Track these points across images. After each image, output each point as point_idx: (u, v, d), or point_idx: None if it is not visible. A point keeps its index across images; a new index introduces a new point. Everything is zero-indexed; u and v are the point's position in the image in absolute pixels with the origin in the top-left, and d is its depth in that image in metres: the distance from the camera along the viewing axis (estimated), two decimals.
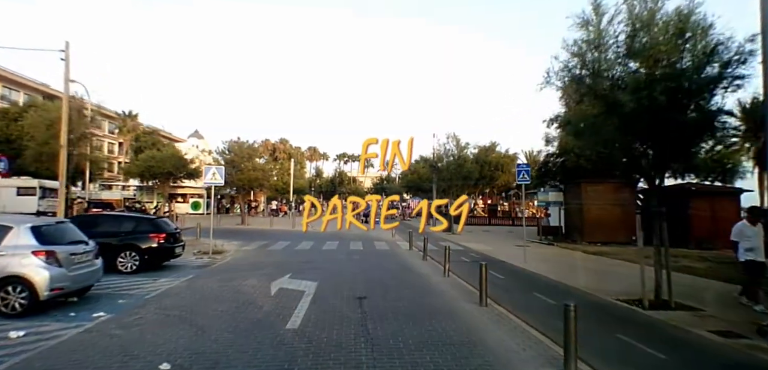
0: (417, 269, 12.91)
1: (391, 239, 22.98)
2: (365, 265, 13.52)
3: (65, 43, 15.37)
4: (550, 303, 8.84)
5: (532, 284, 11.28)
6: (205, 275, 11.25)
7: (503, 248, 19.72)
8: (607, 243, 20.65)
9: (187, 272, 11.73)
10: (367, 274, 11.71)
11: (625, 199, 21.59)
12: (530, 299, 9.57)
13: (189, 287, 9.78)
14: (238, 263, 13.57)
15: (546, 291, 10.02)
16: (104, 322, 6.91)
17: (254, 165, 32.53)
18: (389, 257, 15.96)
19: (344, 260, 14.49)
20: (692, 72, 7.52)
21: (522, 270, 13.35)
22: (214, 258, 14.64)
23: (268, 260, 14.46)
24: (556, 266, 14.51)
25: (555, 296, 9.39)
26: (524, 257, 14.53)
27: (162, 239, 11.70)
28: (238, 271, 11.93)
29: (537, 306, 8.81)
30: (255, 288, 9.53)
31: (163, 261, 12.06)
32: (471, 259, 15.66)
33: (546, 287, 10.71)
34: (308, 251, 17.30)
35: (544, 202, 24.20)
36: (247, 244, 19.55)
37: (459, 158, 29.16)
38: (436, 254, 15.98)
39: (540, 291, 10.01)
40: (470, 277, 11.39)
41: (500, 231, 32.91)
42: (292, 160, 50.72)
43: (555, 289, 10.43)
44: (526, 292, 10.30)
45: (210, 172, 14.83)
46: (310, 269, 12.29)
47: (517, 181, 14.73)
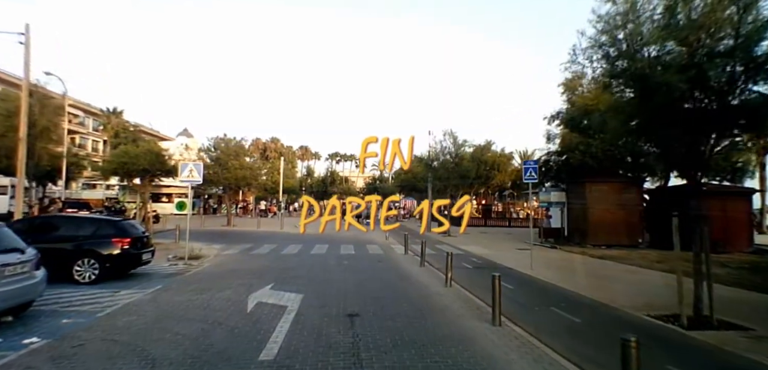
0: (415, 277, 11.64)
1: (385, 242, 21.71)
2: (357, 272, 12.23)
3: (25, 26, 13.86)
4: (574, 322, 7.64)
5: (546, 296, 10.03)
6: (175, 286, 9.88)
7: (505, 252, 18.55)
8: (611, 246, 19.58)
9: (154, 281, 10.34)
10: (359, 283, 10.41)
11: (631, 199, 20.56)
12: (549, 316, 8.31)
13: (152, 301, 8.41)
14: (216, 271, 12.20)
15: (565, 305, 8.79)
16: (33, 352, 5.55)
17: (241, 163, 31.08)
18: (383, 262, 14.68)
19: (334, 267, 13.18)
20: (753, 45, 6.27)
21: (531, 279, 12.12)
22: (190, 264, 13.26)
23: (249, 266, 13.11)
24: (566, 273, 13.33)
25: (576, 312, 8.20)
26: (531, 262, 13.33)
27: (126, 245, 10.28)
28: (214, 280, 10.57)
29: (559, 326, 7.57)
30: (229, 303, 8.18)
31: (128, 269, 10.65)
32: (473, 265, 14.43)
33: (563, 299, 9.48)
34: (295, 255, 15.96)
35: (546, 202, 23.08)
36: (230, 247, 18.14)
37: (456, 156, 27.91)
38: (434, 259, 14.76)
39: (558, 305, 8.77)
40: (475, 286, 10.17)
41: (497, 233, 31.76)
42: (282, 158, 49.12)
43: (574, 302, 9.21)
44: (542, 306, 9.06)
45: (187, 168, 13.45)
46: (296, 278, 10.97)
47: (524, 179, 13.55)
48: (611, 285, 11.35)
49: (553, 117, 24.86)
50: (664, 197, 21.24)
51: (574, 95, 23.62)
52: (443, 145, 28.18)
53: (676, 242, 8.07)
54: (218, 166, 30.14)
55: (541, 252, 19.26)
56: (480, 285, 10.68)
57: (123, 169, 16.88)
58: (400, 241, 21.72)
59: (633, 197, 20.54)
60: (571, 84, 23.94)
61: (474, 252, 18.26)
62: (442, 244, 21.23)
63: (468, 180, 28.70)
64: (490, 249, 19.49)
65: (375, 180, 76.95)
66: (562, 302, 9.20)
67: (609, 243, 19.76)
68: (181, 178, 13.40)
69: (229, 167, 29.96)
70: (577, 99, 22.22)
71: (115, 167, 17.19)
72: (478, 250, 19.00)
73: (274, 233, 25.64)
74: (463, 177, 27.85)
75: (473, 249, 19.31)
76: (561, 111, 24.66)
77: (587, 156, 19.88)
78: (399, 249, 18.60)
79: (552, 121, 24.88)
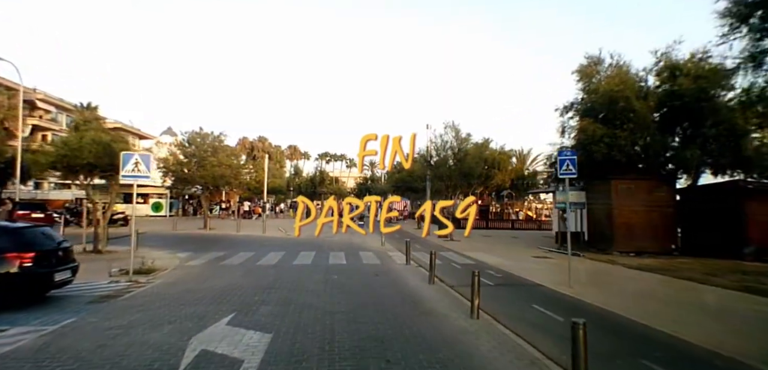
0: (426, 301, 8.85)
1: (381, 248, 18.93)
2: (350, 293, 9.41)
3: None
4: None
5: (618, 335, 6.98)
6: (95, 319, 6.99)
7: (522, 262, 15.87)
8: (640, 253, 17.04)
9: (71, 311, 7.45)
10: (352, 313, 7.60)
11: (662, 199, 18.05)
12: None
13: (45, 348, 5.55)
14: (164, 292, 9.30)
15: (660, 355, 5.90)
16: None
17: (220, 160, 28.04)
18: (381, 276, 11.89)
19: (320, 284, 10.36)
20: None
21: (578, 303, 9.16)
22: (135, 282, 10.35)
23: (212, 284, 10.23)
24: (618, 293, 10.54)
25: (677, 368, 5.51)
26: (569, 278, 10.61)
27: (27, 262, 7.35)
28: (154, 308, 7.70)
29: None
30: (155, 354, 5.35)
31: (31, 294, 7.73)
32: (494, 281, 11.65)
33: (645, 342, 6.55)
34: (273, 267, 13.10)
35: (563, 203, 20.45)
36: (197, 256, 15.23)
37: (458, 152, 25.02)
38: (444, 273, 12.06)
39: (650, 355, 5.83)
40: (513, 318, 7.49)
41: (501, 236, 29.12)
42: (267, 156, 46.02)
43: (666, 347, 6.31)
44: (627, 357, 6.02)
45: (130, 161, 10.52)
46: (267, 303, 8.15)
47: (559, 174, 10.90)
48: (687, 314, 8.66)
49: (567, 107, 22.35)
50: (697, 196, 18.80)
51: (591, 83, 21.08)
52: (444, 139, 25.35)
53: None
54: (193, 163, 27.10)
55: (563, 261, 16.62)
56: (516, 315, 8.02)
57: (62, 163, 13.79)
58: (397, 247, 18.97)
59: (664, 197, 18.01)
60: (588, 70, 21.43)
61: (486, 262, 15.54)
62: (445, 250, 18.53)
63: (472, 178, 25.98)
64: (504, 257, 16.78)
65: (367, 180, 74.13)
66: (648, 346, 6.40)
67: (637, 250, 17.22)
68: (122, 173, 10.46)
69: (205, 164, 26.92)
70: (600, 85, 19.65)
71: (52, 161, 14.08)
72: (490, 259, 16.29)
73: (253, 239, 22.69)
74: (467, 175, 25.11)
75: (484, 258, 16.60)
76: (576, 101, 22.16)
77: (614, 149, 17.30)
78: (398, 258, 15.84)
79: (566, 112, 22.36)
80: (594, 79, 21.10)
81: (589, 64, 21.59)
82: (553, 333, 6.86)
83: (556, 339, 6.34)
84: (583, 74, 21.41)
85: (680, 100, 17.60)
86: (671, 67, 19.13)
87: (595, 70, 21.38)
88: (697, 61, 18.84)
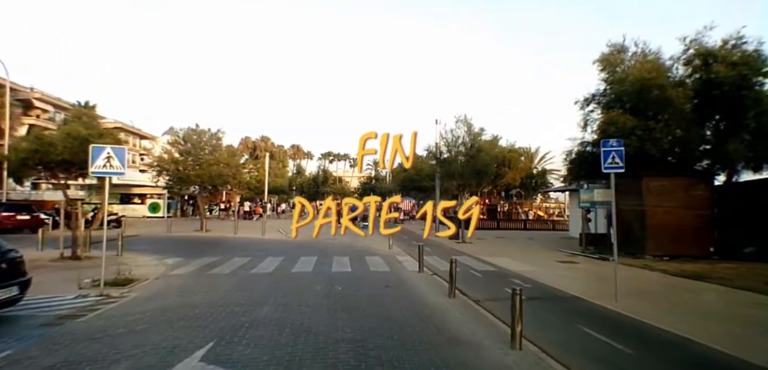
0: (451, 324, 7.29)
1: (389, 251, 17.41)
2: (357, 313, 7.84)
3: None
4: None
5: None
6: (38, 352, 5.51)
7: (547, 268, 14.27)
8: (676, 257, 15.40)
9: (10, 339, 6.00)
10: (360, 342, 6.04)
11: (699, 198, 16.41)
12: None
13: None
14: (136, 310, 7.80)
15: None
16: None
17: (217, 158, 26.59)
18: (393, 288, 10.35)
19: (321, 299, 8.83)
20: None
21: (636, 324, 7.43)
22: (107, 296, 8.88)
23: (194, 299, 8.73)
24: (681, 311, 8.71)
25: None
26: (616, 290, 9.01)
27: None
28: (114, 336, 6.20)
29: None
30: None
31: None
32: (525, 294, 10.02)
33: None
34: (269, 276, 11.60)
35: (588, 202, 18.86)
36: (187, 262, 13.77)
37: (471, 148, 23.33)
38: (463, 281, 10.53)
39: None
40: (561, 347, 5.97)
41: (515, 237, 27.52)
42: (268, 155, 44.57)
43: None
44: None
45: (101, 155, 9.05)
46: (256, 327, 6.63)
47: (603, 168, 9.36)
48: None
49: (588, 99, 20.70)
50: (737, 194, 17.14)
51: (615, 72, 19.45)
52: (455, 134, 23.65)
53: None
54: (189, 161, 25.65)
55: (593, 266, 15.04)
56: (563, 341, 6.56)
57: (33, 159, 12.33)
58: (406, 249, 17.46)
59: (701, 196, 16.34)
60: (611, 59, 19.79)
61: (509, 268, 13.98)
62: (460, 254, 16.90)
63: (486, 176, 24.35)
64: (526, 263, 15.19)
65: (371, 179, 72.57)
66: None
67: (673, 253, 15.58)
68: (92, 169, 9.00)
69: (201, 163, 25.46)
70: (629, 72, 18.00)
71: (23, 158, 12.61)
72: (512, 264, 14.72)
73: (251, 241, 21.22)
74: (480, 173, 23.46)
75: (503, 263, 15.04)
76: (598, 92, 20.52)
77: (647, 143, 15.66)
78: (408, 263, 14.31)
79: (586, 104, 20.71)
80: (619, 68, 19.47)
81: (612, 52, 19.96)
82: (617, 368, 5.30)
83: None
84: (606, 63, 19.77)
85: (719, 89, 15.96)
86: (704, 54, 17.50)
87: (619, 58, 19.75)
88: (730, 48, 17.23)
